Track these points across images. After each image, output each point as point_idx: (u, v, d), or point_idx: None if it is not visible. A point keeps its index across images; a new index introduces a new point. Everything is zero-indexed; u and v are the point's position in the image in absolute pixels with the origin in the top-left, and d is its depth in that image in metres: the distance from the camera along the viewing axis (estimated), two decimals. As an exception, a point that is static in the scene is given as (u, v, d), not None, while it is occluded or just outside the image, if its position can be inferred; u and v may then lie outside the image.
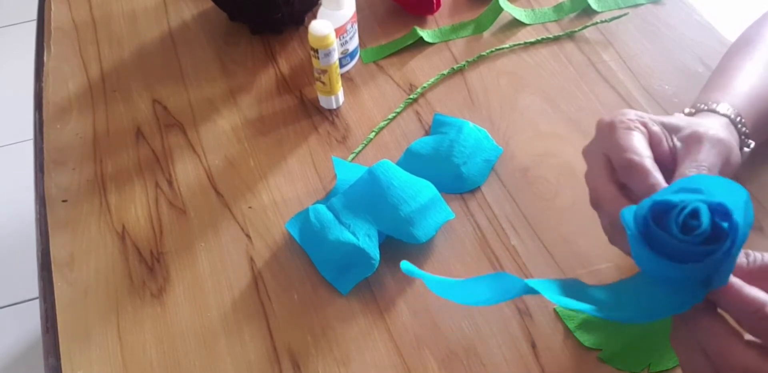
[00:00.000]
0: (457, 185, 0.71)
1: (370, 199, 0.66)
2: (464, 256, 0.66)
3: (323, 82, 0.75)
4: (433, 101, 0.79)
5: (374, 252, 0.64)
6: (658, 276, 0.44)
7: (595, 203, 0.55)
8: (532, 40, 0.84)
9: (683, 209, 0.41)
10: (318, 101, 0.79)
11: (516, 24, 0.86)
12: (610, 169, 0.53)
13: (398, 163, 0.71)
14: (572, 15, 0.86)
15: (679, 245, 0.41)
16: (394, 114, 0.78)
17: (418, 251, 0.67)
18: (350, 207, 0.66)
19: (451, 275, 0.65)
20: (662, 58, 0.81)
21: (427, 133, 0.76)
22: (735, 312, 0.42)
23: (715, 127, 0.55)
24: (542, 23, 0.86)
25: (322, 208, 0.66)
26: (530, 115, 0.76)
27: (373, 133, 0.76)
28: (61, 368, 0.61)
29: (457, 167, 0.70)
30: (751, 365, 0.40)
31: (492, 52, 0.83)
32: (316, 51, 0.71)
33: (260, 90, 0.81)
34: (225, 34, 0.87)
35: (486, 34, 0.85)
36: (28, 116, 0.86)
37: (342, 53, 0.79)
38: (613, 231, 0.53)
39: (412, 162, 0.72)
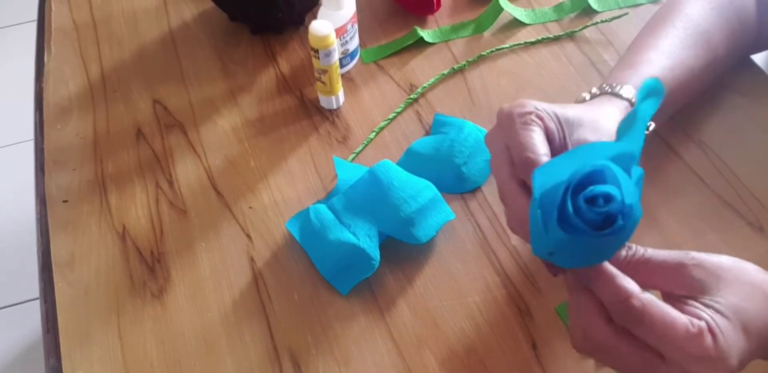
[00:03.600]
0: (458, 185, 0.71)
1: (370, 199, 0.66)
2: (465, 256, 0.66)
3: (323, 82, 0.75)
4: (433, 101, 0.79)
5: (374, 252, 0.64)
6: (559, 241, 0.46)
7: (501, 198, 0.55)
8: (533, 40, 0.84)
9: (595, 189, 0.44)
10: (318, 101, 0.79)
11: (516, 24, 0.86)
12: (512, 162, 0.53)
13: (399, 164, 0.71)
14: (572, 15, 0.86)
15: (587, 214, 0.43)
16: (394, 114, 0.78)
17: (419, 251, 0.67)
18: (351, 207, 0.66)
19: (451, 275, 0.65)
20: (662, 58, 0.81)
21: (427, 133, 0.76)
22: (605, 298, 0.45)
23: (604, 124, 0.56)
24: (542, 23, 0.86)
25: (322, 207, 0.66)
26: (531, 115, 0.76)
27: (374, 134, 0.76)
28: (61, 369, 0.61)
29: (458, 167, 0.70)
30: (605, 340, 0.44)
31: (492, 52, 0.83)
32: (317, 51, 0.71)
33: (260, 90, 0.81)
34: (225, 34, 0.87)
35: (486, 34, 0.85)
36: (28, 117, 0.86)
37: (342, 53, 0.79)
38: (516, 226, 0.54)
39: (412, 162, 0.72)
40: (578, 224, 0.43)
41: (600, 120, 0.56)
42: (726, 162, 0.71)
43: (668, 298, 0.47)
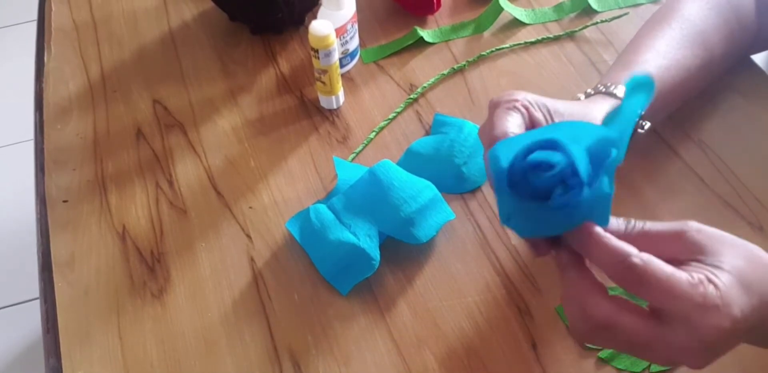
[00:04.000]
0: (458, 185, 0.71)
1: (370, 199, 0.66)
2: (465, 256, 0.67)
3: (323, 82, 0.75)
4: (433, 101, 0.79)
5: (374, 252, 0.64)
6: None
7: (493, 188, 0.54)
8: (533, 39, 0.84)
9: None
10: (318, 101, 0.79)
11: (516, 24, 0.86)
12: None
13: (399, 164, 0.71)
14: (572, 15, 0.86)
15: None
16: (394, 114, 0.78)
17: (419, 251, 0.67)
18: (351, 207, 0.66)
19: (451, 275, 0.65)
20: (662, 58, 0.81)
21: (427, 133, 0.76)
22: (602, 262, 0.43)
23: (594, 117, 0.56)
24: (542, 23, 0.86)
25: (322, 207, 0.66)
26: (530, 115, 0.76)
27: (374, 133, 0.76)
28: (61, 369, 0.61)
29: (458, 167, 0.70)
30: (606, 316, 0.43)
31: (492, 52, 0.83)
32: (317, 51, 0.71)
33: (260, 90, 0.81)
34: (225, 34, 0.87)
35: (486, 34, 0.85)
36: (28, 117, 0.86)
37: (342, 53, 0.79)
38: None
39: (412, 162, 0.72)
40: (523, 190, 0.43)
41: (592, 113, 0.57)
42: (726, 162, 0.71)
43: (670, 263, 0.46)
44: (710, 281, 0.42)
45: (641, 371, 0.59)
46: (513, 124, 0.52)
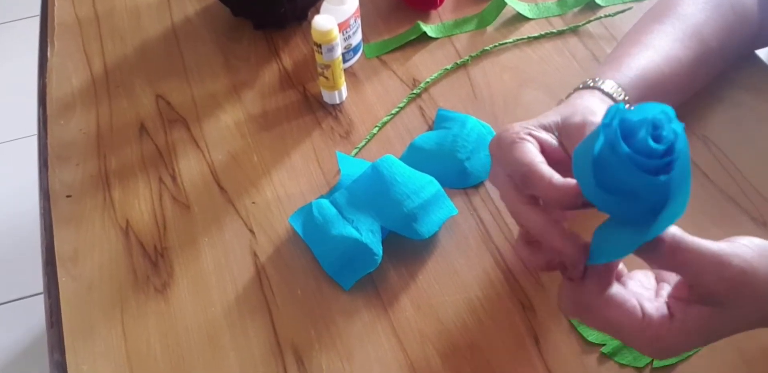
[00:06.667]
0: (461, 180, 0.71)
1: (373, 194, 0.66)
2: (467, 251, 0.67)
3: (326, 77, 0.75)
4: (436, 96, 0.79)
5: (377, 248, 0.64)
6: (615, 208, 0.45)
7: (518, 222, 0.54)
8: (536, 34, 0.83)
9: (647, 123, 0.42)
10: (321, 96, 0.79)
11: (519, 18, 0.85)
12: (516, 187, 0.52)
13: (401, 159, 0.71)
14: (576, 9, 0.86)
15: (646, 161, 0.41)
16: (397, 109, 0.77)
17: (422, 246, 0.67)
18: (353, 202, 0.66)
19: (454, 270, 0.65)
20: (666, 53, 0.81)
21: (430, 129, 0.76)
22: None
23: (588, 108, 0.56)
24: (546, 18, 0.85)
25: (325, 202, 0.66)
26: (534, 110, 0.76)
27: (377, 129, 0.76)
28: (65, 363, 0.62)
29: (461, 162, 0.70)
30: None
31: (495, 46, 0.82)
32: (320, 46, 0.71)
33: (263, 85, 0.81)
34: (228, 29, 0.87)
35: (489, 28, 0.85)
36: (31, 112, 0.86)
37: (345, 48, 0.79)
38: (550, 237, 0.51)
39: (415, 157, 0.72)
40: (657, 163, 0.41)
41: (577, 109, 0.56)
42: (729, 157, 0.71)
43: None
44: (671, 314, 0.46)
45: (644, 367, 0.59)
46: (531, 153, 0.51)
